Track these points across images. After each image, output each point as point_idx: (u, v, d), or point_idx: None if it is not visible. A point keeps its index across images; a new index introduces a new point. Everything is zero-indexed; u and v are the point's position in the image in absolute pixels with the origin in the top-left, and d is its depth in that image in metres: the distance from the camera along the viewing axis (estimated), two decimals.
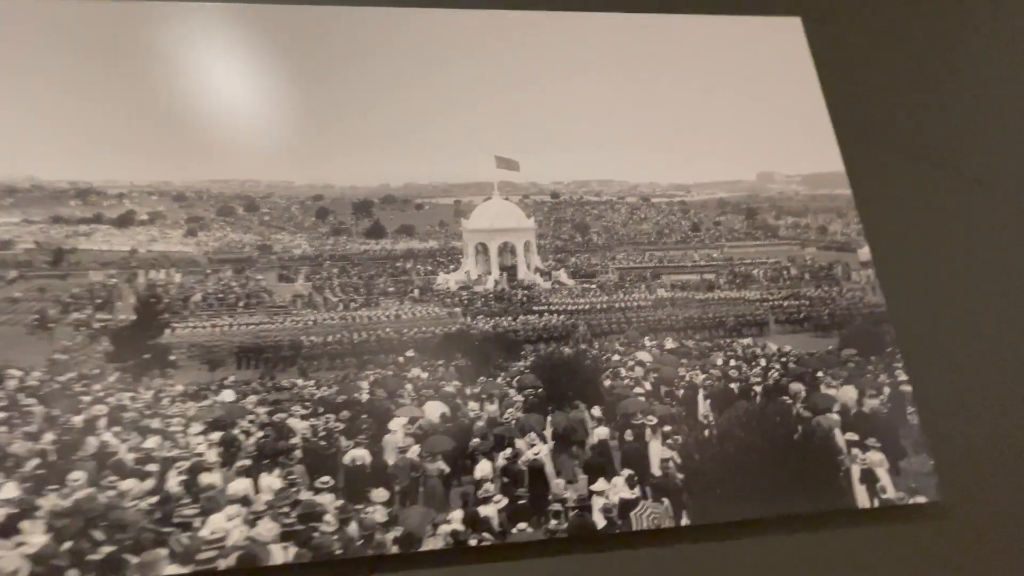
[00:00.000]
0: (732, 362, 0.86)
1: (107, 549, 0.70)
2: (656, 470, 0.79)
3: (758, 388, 0.85)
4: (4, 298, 0.80)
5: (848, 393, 0.86)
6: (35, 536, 0.71)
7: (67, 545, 0.70)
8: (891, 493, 0.81)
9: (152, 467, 0.74)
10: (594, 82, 1.00)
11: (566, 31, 1.02)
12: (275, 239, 0.86)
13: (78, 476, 0.74)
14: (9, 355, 0.77)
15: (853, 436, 0.83)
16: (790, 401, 0.84)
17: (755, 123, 1.03)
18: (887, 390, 0.86)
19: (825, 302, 0.91)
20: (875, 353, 0.88)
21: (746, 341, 0.88)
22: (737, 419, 0.83)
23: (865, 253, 0.95)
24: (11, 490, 0.72)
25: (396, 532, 0.74)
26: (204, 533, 0.72)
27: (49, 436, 0.74)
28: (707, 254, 0.95)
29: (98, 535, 0.71)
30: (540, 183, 0.93)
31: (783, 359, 0.87)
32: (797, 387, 0.86)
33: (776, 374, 0.86)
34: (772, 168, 1.01)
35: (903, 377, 0.87)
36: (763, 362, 0.87)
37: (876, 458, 0.83)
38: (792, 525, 0.85)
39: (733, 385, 0.85)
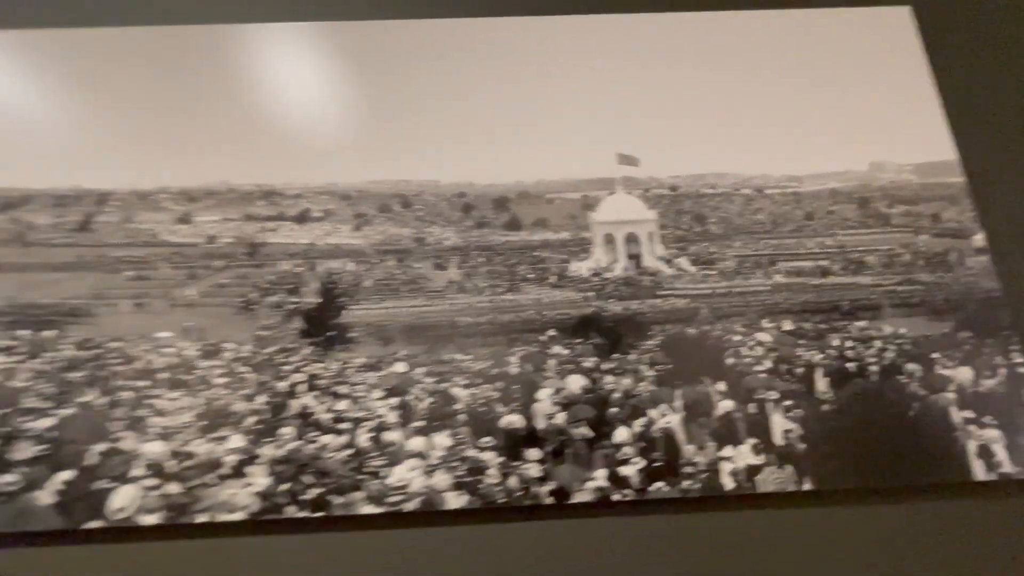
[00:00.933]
0: (848, 343, 0.92)
1: (316, 490, 0.85)
2: (778, 440, 0.87)
3: (874, 367, 0.90)
4: (214, 284, 0.96)
5: (964, 373, 0.90)
6: (259, 478, 0.86)
7: (285, 486, 0.85)
8: (1008, 467, 0.86)
9: (345, 425, 0.88)
10: (707, 80, 1.06)
11: (677, 33, 1.08)
12: (428, 232, 0.97)
13: (287, 431, 0.89)
14: (224, 331, 0.92)
15: (969, 414, 0.87)
16: (906, 380, 0.90)
17: (866, 114, 1.06)
18: (1003, 371, 0.90)
19: (939, 287, 0.95)
20: (991, 336, 0.91)
21: (861, 324, 0.93)
22: (854, 396, 0.90)
23: (980, 240, 0.98)
24: (237, 441, 0.88)
25: (549, 486, 0.85)
26: (391, 481, 0.85)
27: (262, 398, 0.89)
28: (820, 242, 1.00)
29: (307, 479, 0.86)
30: (659, 177, 1.00)
31: (898, 341, 0.92)
32: (913, 367, 0.91)
33: (891, 355, 0.91)
34: (883, 158, 1.04)
35: (1019, 359, 0.91)
36: (878, 343, 0.92)
37: (993, 435, 0.87)
38: (908, 494, 0.91)
39: (850, 364, 0.91)
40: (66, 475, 0.86)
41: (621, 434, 0.88)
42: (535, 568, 0.86)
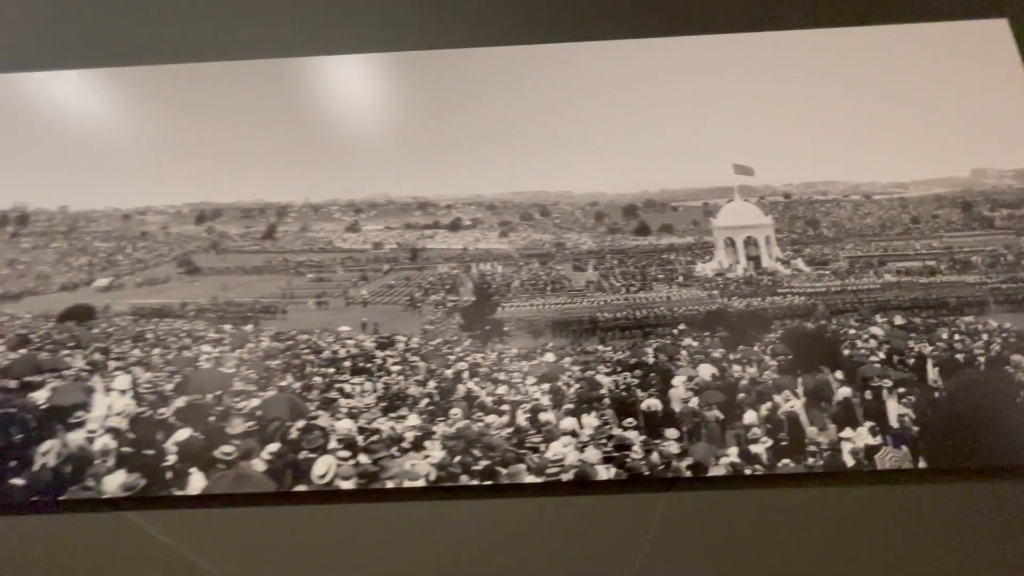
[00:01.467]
0: (956, 336, 1.01)
1: (484, 462, 0.99)
2: (894, 423, 0.96)
3: (981, 358, 0.99)
4: (383, 284, 1.10)
5: None
6: (435, 451, 1.01)
7: (457, 459, 0.99)
8: None
9: (505, 407, 1.01)
10: (816, 94, 1.14)
11: (787, 51, 1.17)
12: (566, 237, 1.10)
13: (456, 411, 1.03)
14: (394, 326, 1.07)
15: None
16: (1012, 370, 0.98)
17: (967, 123, 1.13)
18: None
19: None
20: None
21: (968, 319, 1.02)
22: (963, 384, 0.98)
23: None
24: (414, 419, 1.02)
25: (688, 461, 0.97)
26: (548, 455, 0.98)
27: (432, 383, 1.03)
28: (927, 244, 1.08)
29: (476, 453, 1.00)
30: (773, 185, 1.10)
31: (1004, 335, 1.00)
32: (1018, 358, 0.99)
33: (998, 347, 0.99)
34: (985, 164, 1.11)
35: None
36: (985, 336, 1.00)
37: None
38: (1015, 473, 0.99)
39: (959, 356, 1.00)
40: (273, 447, 1.02)
41: (750, 416, 0.99)
42: (676, 534, 0.98)
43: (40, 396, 1.05)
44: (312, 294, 1.09)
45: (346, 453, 1.00)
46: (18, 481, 1.00)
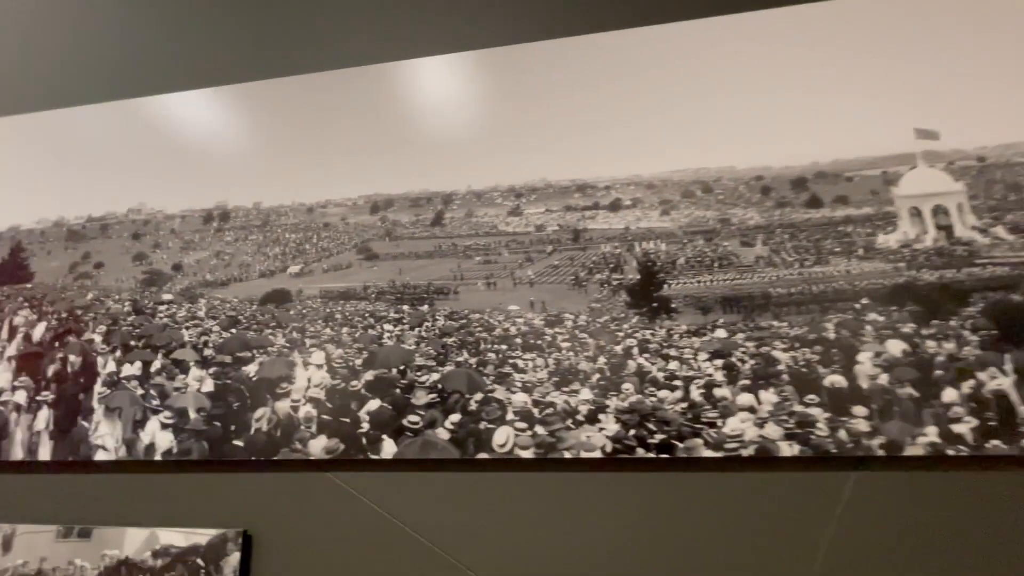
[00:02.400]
0: None
1: (659, 436, 1.01)
2: None
3: None
4: (548, 265, 1.15)
5: None
6: (610, 424, 1.04)
7: (632, 432, 1.02)
8: None
9: (677, 383, 1.03)
10: (1006, 46, 1.05)
11: (962, 5, 1.08)
12: (731, 213, 1.09)
13: (628, 386, 1.06)
14: (561, 304, 1.11)
15: None
16: None
17: None
18: None
19: None
20: None
21: None
22: None
23: None
24: (586, 393, 1.06)
25: (880, 439, 0.94)
26: (726, 430, 0.99)
27: (602, 359, 1.07)
28: None
29: (651, 427, 1.03)
30: (964, 149, 1.02)
31: None
32: None
33: None
34: None
35: None
36: None
37: None
38: None
39: None
40: (455, 417, 1.10)
41: (949, 394, 0.93)
42: (867, 515, 0.95)
43: (251, 369, 1.20)
44: (481, 275, 1.15)
45: (523, 424, 1.06)
46: (239, 443, 1.16)
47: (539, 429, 1.04)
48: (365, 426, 1.11)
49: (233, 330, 1.22)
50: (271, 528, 1.12)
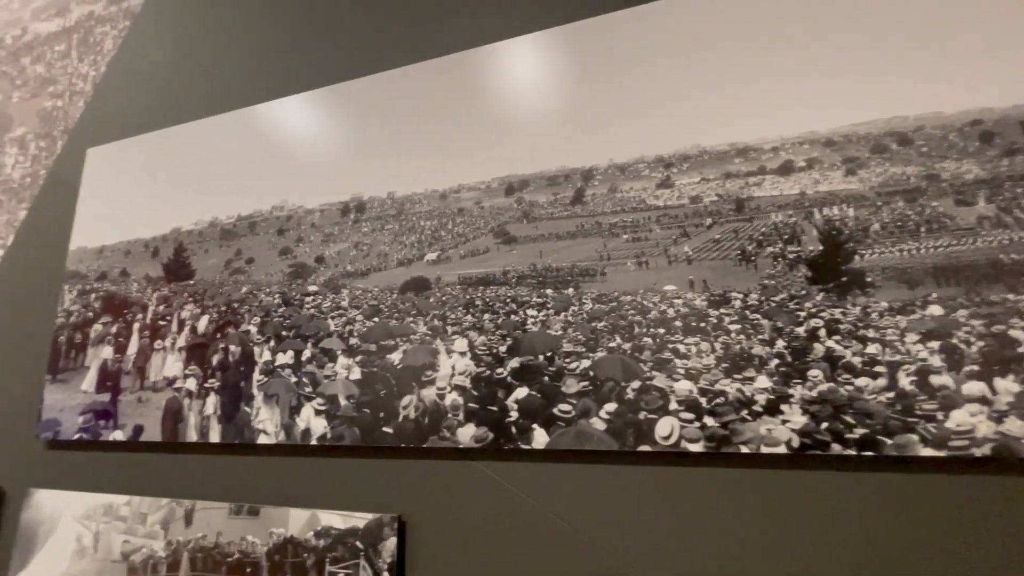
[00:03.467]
0: None
1: (860, 431, 0.88)
2: None
3: None
4: (708, 239, 1.05)
5: None
6: (795, 416, 0.93)
7: (824, 425, 0.90)
8: None
9: (880, 369, 0.89)
10: None
11: None
12: (940, 167, 0.92)
13: (816, 373, 0.93)
14: (727, 282, 1.01)
15: None
16: None
17: None
18: None
19: None
20: None
21: None
22: None
23: None
24: (763, 381, 0.95)
25: None
26: (949, 425, 0.84)
27: (780, 343, 0.95)
28: None
29: (849, 419, 0.90)
30: None
31: None
32: None
33: None
34: None
35: None
36: None
37: None
38: None
39: None
40: (610, 407, 1.04)
41: None
42: None
43: (395, 357, 1.21)
44: (630, 255, 1.07)
45: (689, 415, 0.97)
46: (388, 429, 1.17)
47: (709, 420, 0.94)
48: (514, 414, 1.07)
49: (376, 319, 1.24)
50: (424, 514, 1.12)
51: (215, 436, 1.33)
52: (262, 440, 1.27)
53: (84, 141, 1.86)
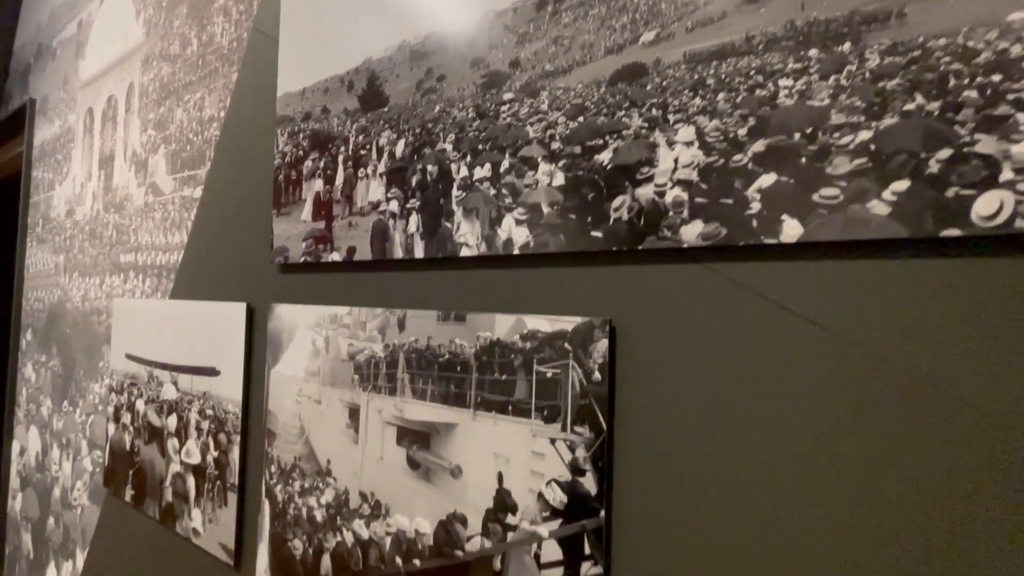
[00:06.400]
0: None
1: None
2: None
3: None
4: None
5: None
6: None
7: None
8: None
9: None
10: None
11: None
12: None
13: None
14: None
15: None
16: None
17: None
18: None
19: None
20: None
21: None
22: None
23: None
24: None
25: None
26: None
27: None
28: None
29: None
30: None
31: None
32: None
33: None
34: None
35: None
36: None
37: None
38: None
39: None
40: (899, 185, 0.83)
41: None
42: None
43: (604, 157, 1.11)
44: None
45: None
46: (597, 233, 1.10)
47: None
48: (755, 206, 0.92)
49: (580, 118, 1.13)
50: (637, 319, 1.06)
51: (419, 252, 1.40)
52: (464, 253, 1.30)
53: None
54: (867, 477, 0.84)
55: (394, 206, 1.47)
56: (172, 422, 2.26)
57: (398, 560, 1.40)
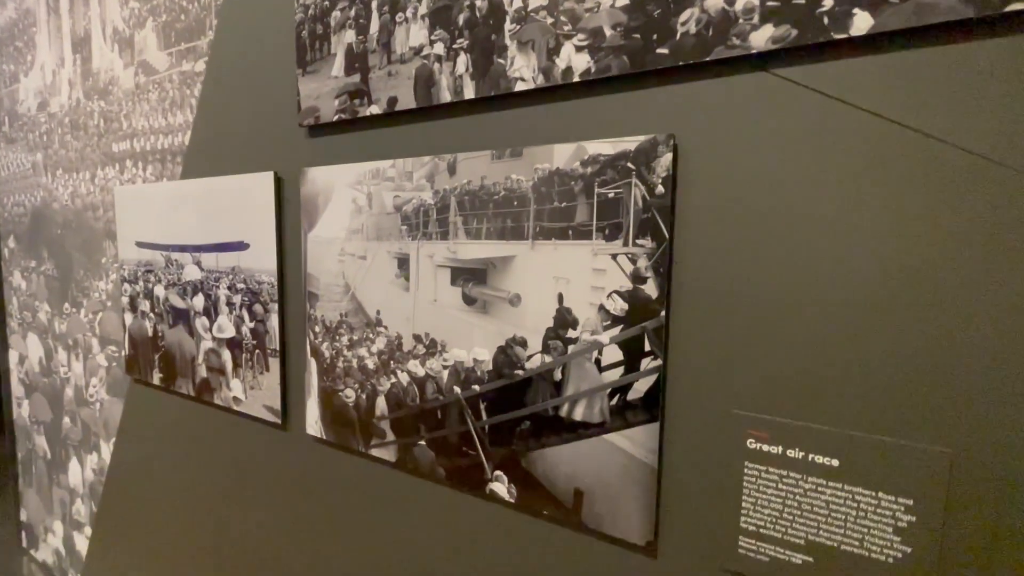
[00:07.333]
0: None
1: None
2: None
3: None
4: None
5: None
6: None
7: None
8: None
9: None
10: None
11: None
12: None
13: None
14: None
15: None
16: None
17: None
18: None
19: None
20: None
21: None
22: None
23: None
24: None
25: None
26: None
27: None
28: None
29: None
30: None
31: None
32: None
33: None
34: None
35: None
36: None
37: None
38: None
39: None
40: None
41: None
42: None
43: None
44: None
45: None
46: (663, 51, 1.14)
47: None
48: (828, 3, 0.96)
49: None
50: (701, 134, 1.12)
51: (469, 93, 1.41)
52: (519, 87, 1.32)
53: None
54: (941, 263, 0.95)
55: (439, 48, 1.45)
56: (199, 302, 2.28)
57: (456, 389, 1.52)
